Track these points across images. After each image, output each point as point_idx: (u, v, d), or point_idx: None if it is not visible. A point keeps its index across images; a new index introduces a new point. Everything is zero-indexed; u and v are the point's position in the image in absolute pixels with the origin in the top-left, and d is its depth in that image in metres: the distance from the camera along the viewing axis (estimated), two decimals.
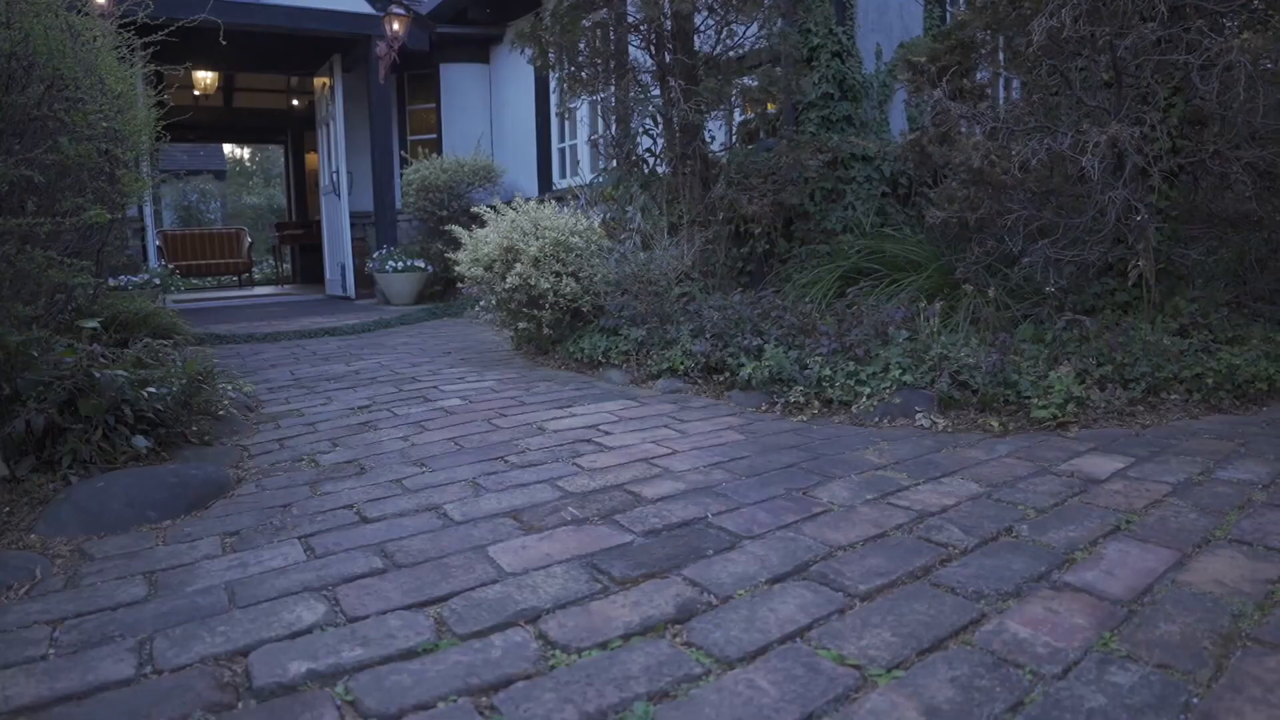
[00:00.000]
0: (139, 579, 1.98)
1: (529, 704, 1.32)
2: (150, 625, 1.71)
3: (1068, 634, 1.51)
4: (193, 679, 1.48)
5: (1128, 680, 1.36)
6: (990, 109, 4.27)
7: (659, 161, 5.54)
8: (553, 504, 2.32)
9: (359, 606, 1.71)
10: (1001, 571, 1.79)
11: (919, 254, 5.02)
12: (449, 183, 9.44)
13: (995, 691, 1.33)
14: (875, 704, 1.30)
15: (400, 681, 1.41)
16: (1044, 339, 3.86)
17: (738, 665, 1.43)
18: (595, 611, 1.64)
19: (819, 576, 1.78)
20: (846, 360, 3.61)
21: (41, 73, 2.42)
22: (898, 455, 2.77)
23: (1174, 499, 2.26)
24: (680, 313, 4.55)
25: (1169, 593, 1.68)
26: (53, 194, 2.49)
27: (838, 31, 5.93)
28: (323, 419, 3.64)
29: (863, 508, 2.22)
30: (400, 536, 2.12)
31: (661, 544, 2.00)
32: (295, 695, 1.40)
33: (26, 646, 1.65)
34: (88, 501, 2.50)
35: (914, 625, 1.55)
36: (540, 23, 4.99)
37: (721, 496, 2.35)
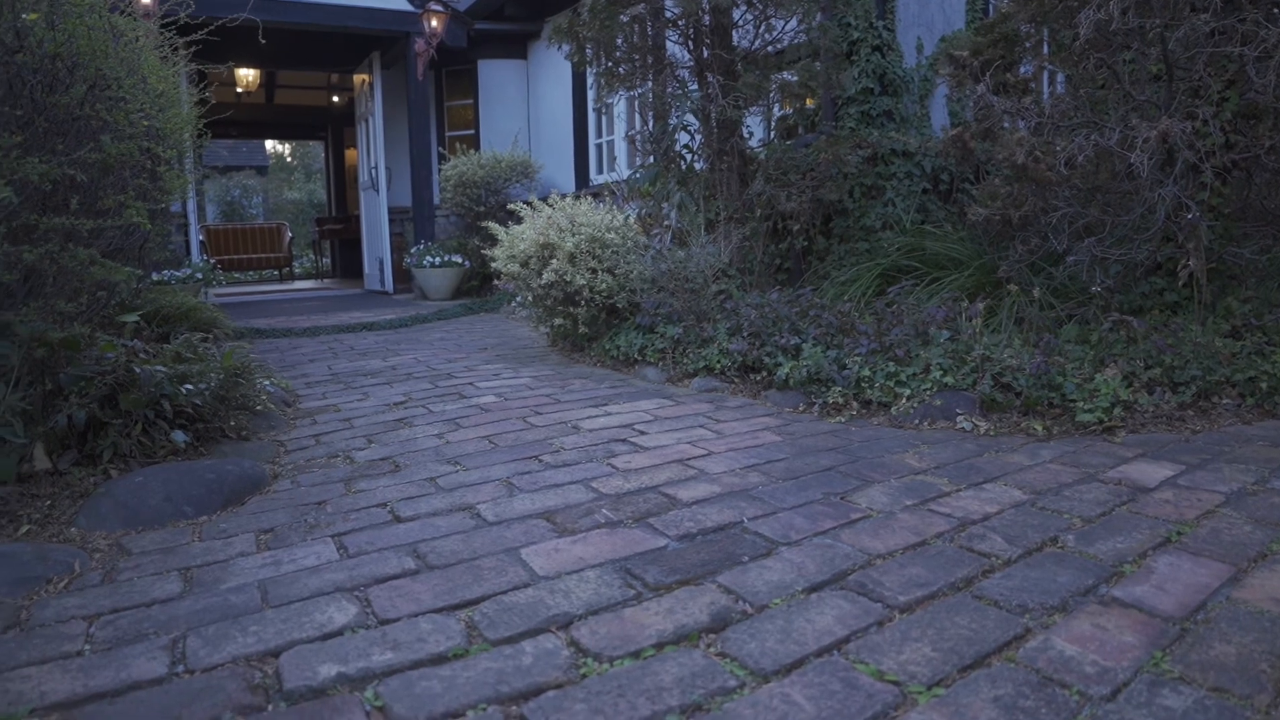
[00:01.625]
0: (174, 575, 1.99)
1: (559, 715, 1.30)
2: (184, 623, 1.71)
3: (1117, 653, 1.46)
4: (224, 679, 1.48)
5: (1180, 704, 1.31)
6: (1034, 104, 4.16)
7: (696, 158, 5.50)
8: (586, 505, 2.30)
9: (390, 608, 1.70)
10: (1047, 584, 1.73)
11: (961, 252, 4.94)
12: (486, 178, 9.46)
13: (1041, 713, 1.28)
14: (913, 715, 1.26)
15: (430, 688, 1.39)
16: (1090, 340, 3.77)
17: (773, 679, 1.39)
18: (628, 619, 1.62)
19: (857, 586, 1.74)
20: (886, 361, 3.55)
21: (84, 73, 2.44)
22: (938, 459, 2.71)
23: (1227, 509, 2.19)
24: (717, 310, 4.51)
25: (1223, 610, 1.62)
26: (95, 192, 2.52)
27: (878, 25, 5.83)
28: (359, 415, 3.65)
29: (902, 514, 2.17)
30: (433, 537, 2.11)
31: (696, 549, 1.97)
32: (325, 699, 1.39)
33: (63, 642, 1.66)
34: (127, 496, 2.52)
35: (955, 640, 1.51)
36: (578, 18, 4.97)
37: (758, 500, 2.31)
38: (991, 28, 4.92)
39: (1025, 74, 5.29)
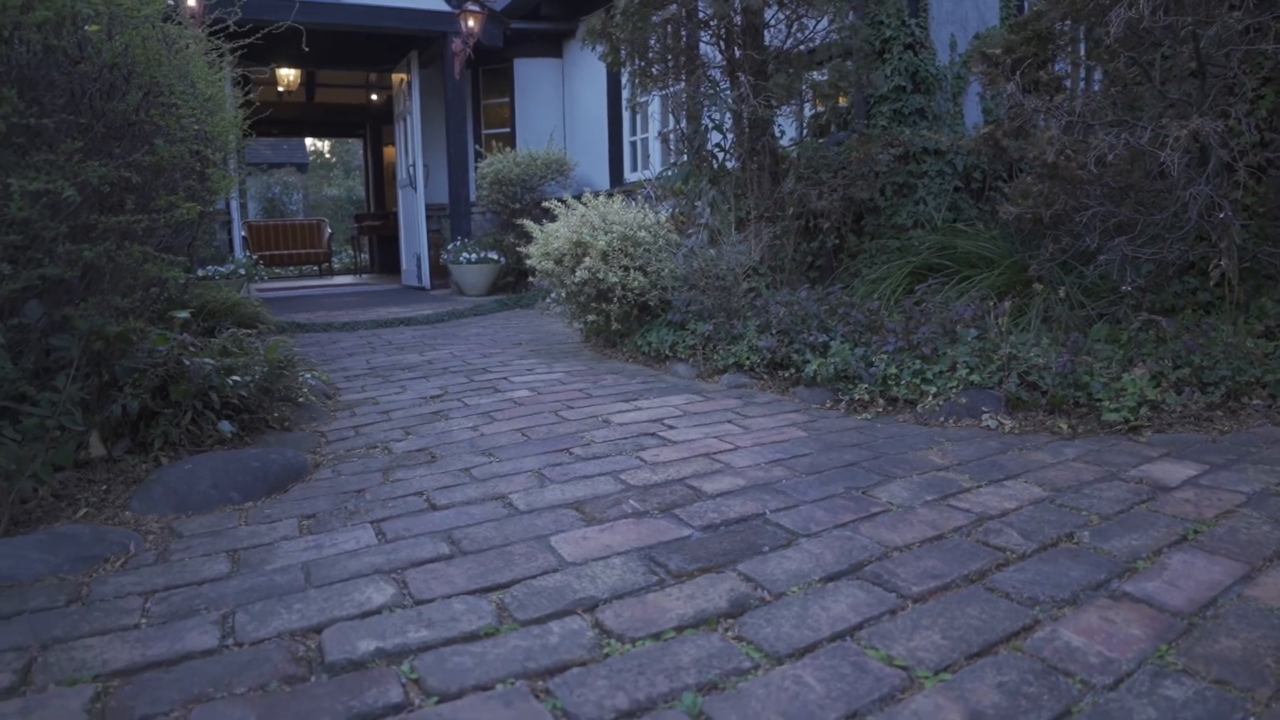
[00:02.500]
0: (223, 556, 2.10)
1: (583, 689, 1.38)
2: (232, 600, 1.82)
3: (1122, 644, 1.51)
4: (270, 652, 1.57)
5: (1181, 694, 1.35)
6: (1065, 102, 4.16)
7: (728, 156, 5.55)
8: (614, 496, 2.38)
9: (425, 590, 1.80)
10: (1059, 578, 1.78)
11: (992, 250, 4.94)
12: (522, 176, 9.58)
13: (1042, 699, 1.34)
14: (920, 705, 1.32)
15: (462, 663, 1.48)
16: (1119, 340, 3.78)
17: (786, 661, 1.46)
18: (651, 603, 1.69)
19: (873, 576, 1.80)
20: (913, 358, 3.59)
21: (140, 80, 2.56)
22: (961, 456, 2.75)
23: (1247, 509, 2.21)
24: (747, 308, 4.57)
25: (1233, 607, 1.66)
26: (148, 193, 2.64)
27: (910, 23, 5.84)
28: (397, 408, 3.77)
29: (921, 509, 2.23)
30: (467, 524, 2.21)
31: (719, 539, 2.04)
32: (364, 672, 1.48)
33: (121, 615, 1.77)
34: (177, 482, 2.65)
35: (965, 629, 1.56)
36: (611, 20, 5.04)
37: (781, 494, 2.37)
38: (1025, 25, 4.91)
39: (1061, 71, 5.27)
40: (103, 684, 1.50)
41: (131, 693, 1.46)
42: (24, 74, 2.08)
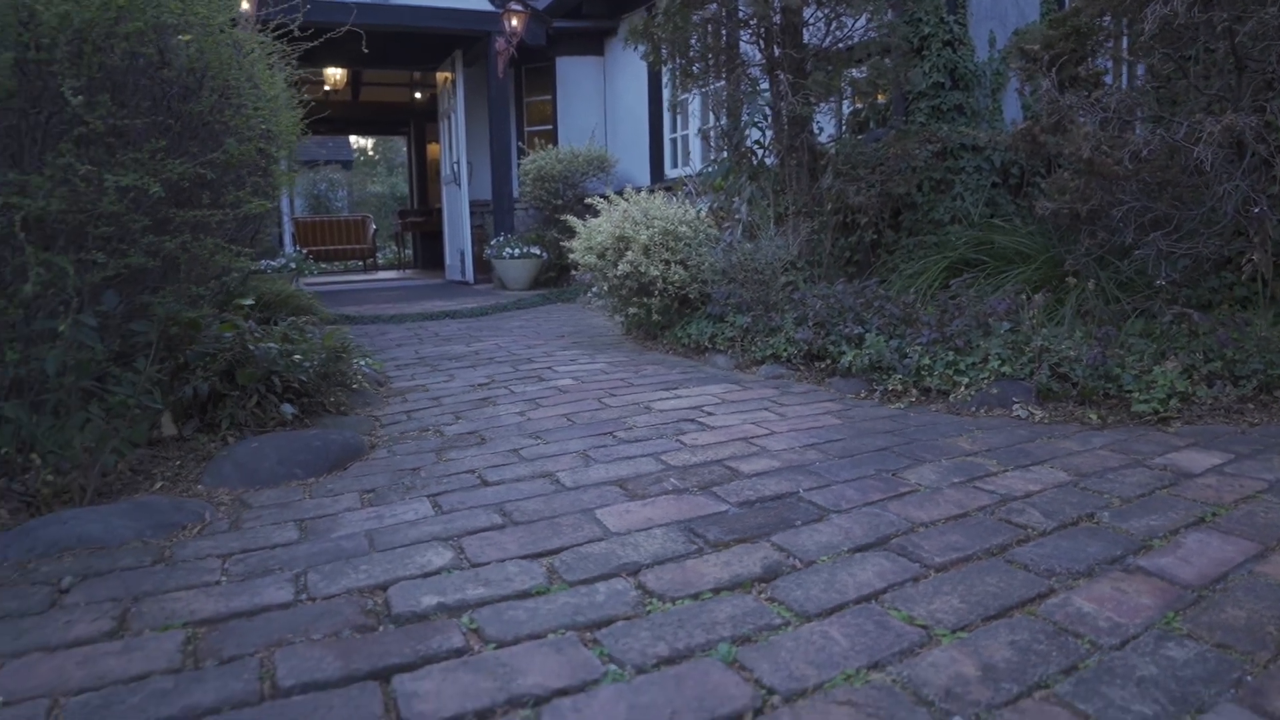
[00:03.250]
0: (291, 525, 2.27)
1: (627, 639, 1.52)
2: (303, 562, 1.98)
3: (1131, 611, 1.61)
4: (341, 605, 1.73)
5: (1183, 655, 1.45)
6: (1101, 98, 4.21)
7: (767, 153, 5.65)
8: (655, 475, 2.52)
9: (481, 555, 1.94)
10: (1076, 553, 1.88)
11: (1028, 245, 4.99)
12: (564, 172, 9.75)
13: (1051, 655, 1.45)
14: (936, 658, 1.44)
15: (517, 616, 1.62)
16: (1153, 334, 3.83)
17: (814, 619, 1.58)
18: (689, 568, 1.83)
19: (898, 548, 1.92)
20: (946, 350, 3.67)
21: (213, 84, 2.74)
22: (990, 443, 2.85)
23: (1268, 495, 2.28)
24: (785, 301, 4.67)
25: (1243, 581, 1.74)
26: (219, 188, 2.82)
27: (949, 20, 5.90)
28: (446, 394, 3.93)
29: (948, 490, 2.33)
30: (517, 498, 2.35)
31: (754, 514, 2.16)
32: (427, 623, 1.63)
33: (203, 574, 1.95)
34: (245, 459, 2.83)
35: (983, 595, 1.67)
36: (654, 20, 5.17)
37: (814, 474, 2.49)
38: (1063, 21, 4.95)
39: (1102, 66, 5.29)
40: (192, 630, 1.66)
41: (218, 637, 1.62)
42: (115, 79, 2.26)
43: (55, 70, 2.04)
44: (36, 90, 2.12)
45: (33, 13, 1.97)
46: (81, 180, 2.09)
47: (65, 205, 2.09)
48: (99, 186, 2.13)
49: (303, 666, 1.49)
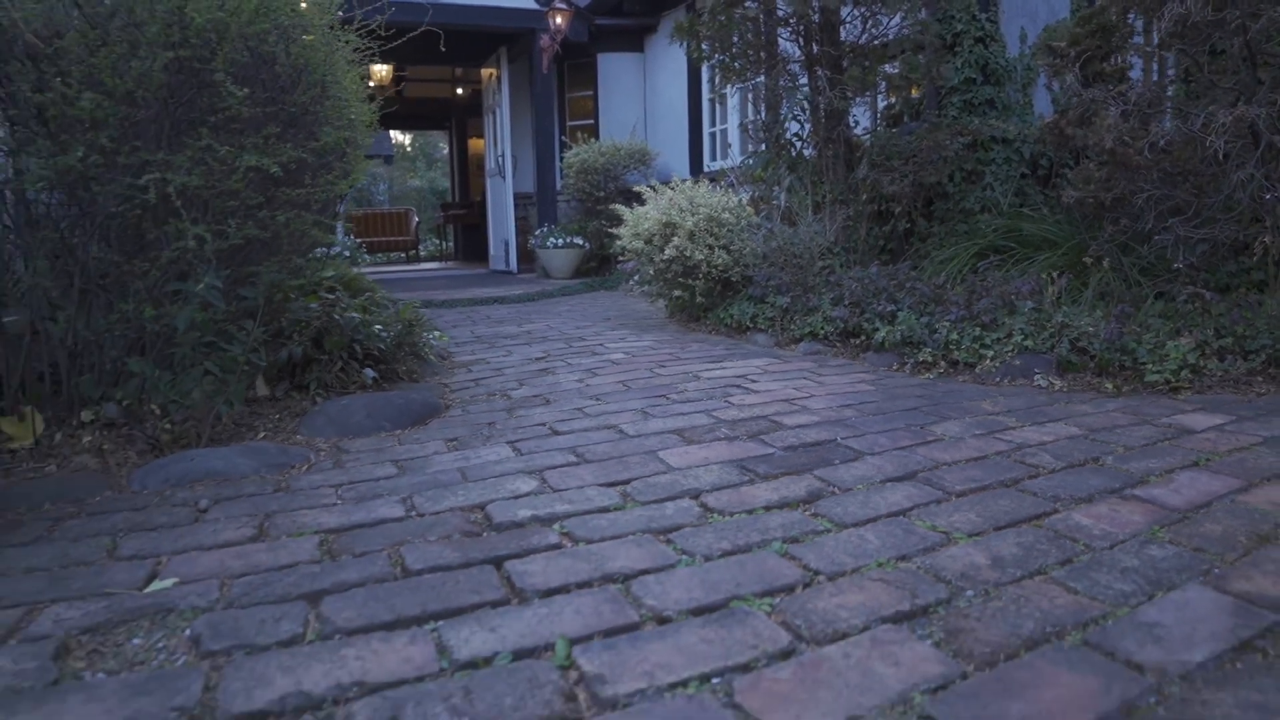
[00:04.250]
0: (389, 463, 2.60)
1: (695, 539, 1.83)
2: (406, 489, 2.31)
3: (1122, 525, 1.89)
4: (447, 518, 2.05)
5: (1162, 554, 1.73)
6: (1125, 92, 4.44)
7: (805, 145, 5.93)
8: (708, 426, 2.82)
9: (561, 483, 2.26)
10: (1079, 485, 2.16)
11: (1055, 233, 5.22)
12: (606, 165, 10.06)
13: (1050, 553, 1.73)
14: (953, 553, 1.73)
15: (600, 524, 1.94)
16: (1170, 314, 4.06)
17: (851, 528, 1.88)
18: (744, 493, 2.13)
19: (924, 480, 2.21)
20: (973, 326, 3.94)
21: (312, 78, 3.07)
22: (1010, 406, 3.12)
23: (1261, 447, 2.54)
24: (822, 284, 4.95)
25: (1224, 507, 2.01)
26: (316, 171, 3.16)
27: (980, 18, 6.13)
28: (507, 366, 4.26)
29: (970, 439, 2.62)
30: (586, 444, 2.67)
31: (797, 455, 2.46)
32: (524, 529, 1.95)
33: (321, 498, 2.28)
34: (336, 414, 3.18)
35: (995, 513, 1.96)
36: (698, 18, 5.46)
37: (850, 427, 2.78)
38: (1089, 19, 5.17)
39: (1126, 62, 5.51)
40: (323, 535, 1.99)
41: (347, 540, 1.95)
42: (242, 73, 2.60)
43: (199, 66, 2.38)
44: (178, 83, 2.47)
45: (184, 16, 2.31)
46: (217, 160, 2.43)
47: (201, 181, 2.44)
48: (231, 166, 2.47)
49: (426, 556, 1.81)
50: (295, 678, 1.32)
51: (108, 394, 3.01)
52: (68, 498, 2.39)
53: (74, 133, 2.28)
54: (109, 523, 2.17)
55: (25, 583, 1.79)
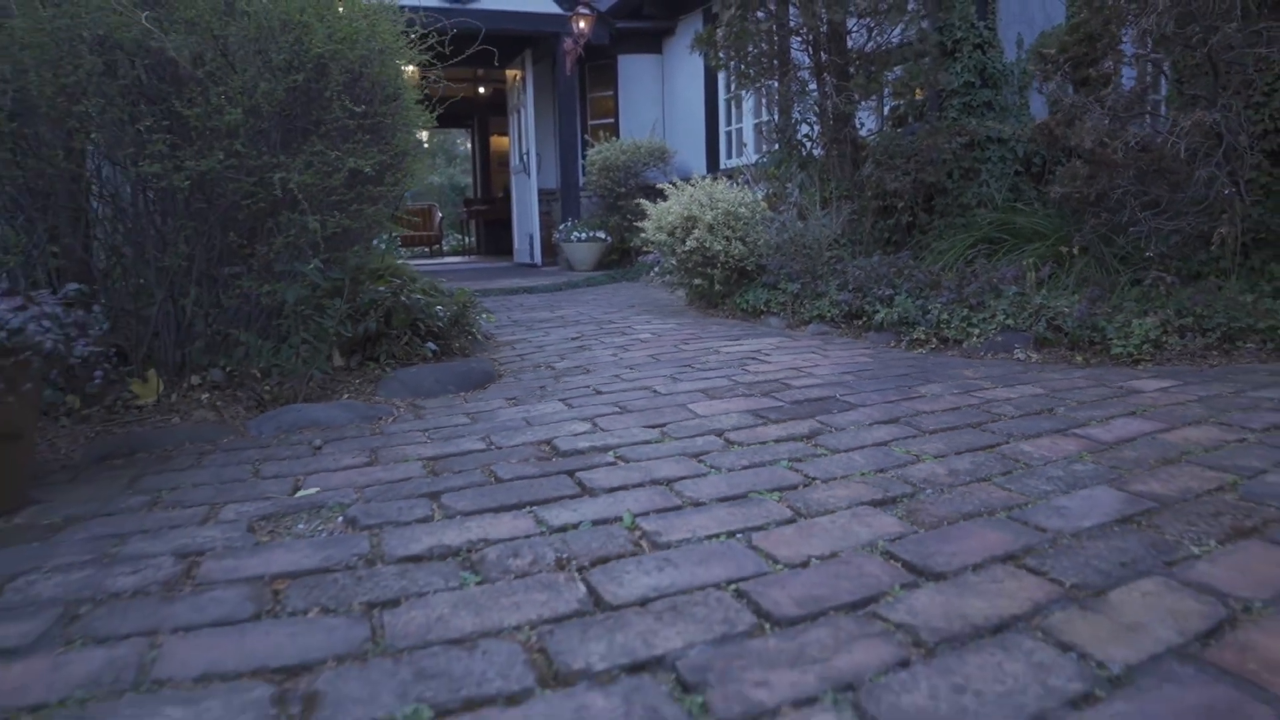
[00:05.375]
0: (461, 415, 3.13)
1: (720, 460, 2.34)
2: (482, 431, 2.83)
3: (1058, 452, 2.39)
4: (521, 449, 2.58)
5: (1083, 469, 2.23)
6: (1104, 97, 4.91)
7: (814, 145, 6.42)
8: (728, 387, 3.34)
9: (609, 426, 2.78)
10: (1031, 427, 2.66)
11: (1044, 226, 5.70)
12: (627, 163, 10.57)
13: (995, 468, 2.24)
14: (920, 467, 2.24)
15: (644, 451, 2.46)
16: (1140, 297, 4.54)
17: (842, 453, 2.39)
18: (758, 431, 2.64)
19: (905, 423, 2.72)
20: (962, 308, 4.43)
21: (386, 92, 3.60)
22: (989, 374, 3.61)
23: (1194, 403, 3.02)
24: (829, 272, 5.45)
25: (1144, 441, 2.51)
26: (390, 170, 3.68)
27: (979, 25, 6.60)
28: (547, 344, 4.79)
29: (948, 396, 3.12)
30: (626, 400, 3.19)
31: (802, 407, 2.97)
32: (585, 454, 2.47)
33: (413, 439, 2.80)
34: (408, 379, 3.70)
35: (958, 444, 2.47)
36: (715, 30, 5.97)
37: (847, 387, 3.29)
38: (1077, 28, 5.65)
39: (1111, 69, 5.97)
40: (423, 461, 2.52)
41: (445, 464, 2.47)
42: (341, 90, 3.12)
43: (311, 86, 2.91)
44: (294, 99, 2.99)
45: (304, 47, 2.83)
46: (325, 163, 2.95)
47: (312, 180, 2.96)
48: (335, 167, 3.00)
49: (512, 471, 2.33)
50: (436, 538, 1.85)
51: (213, 361, 3.55)
52: (200, 440, 2.93)
53: (213, 140, 2.81)
54: (244, 455, 2.70)
55: (197, 492, 2.32)
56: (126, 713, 1.19)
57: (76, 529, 2.03)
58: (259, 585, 1.63)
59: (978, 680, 1.20)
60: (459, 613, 1.46)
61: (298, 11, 2.85)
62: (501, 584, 1.58)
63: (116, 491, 2.36)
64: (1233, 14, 3.94)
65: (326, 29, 2.87)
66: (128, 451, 2.79)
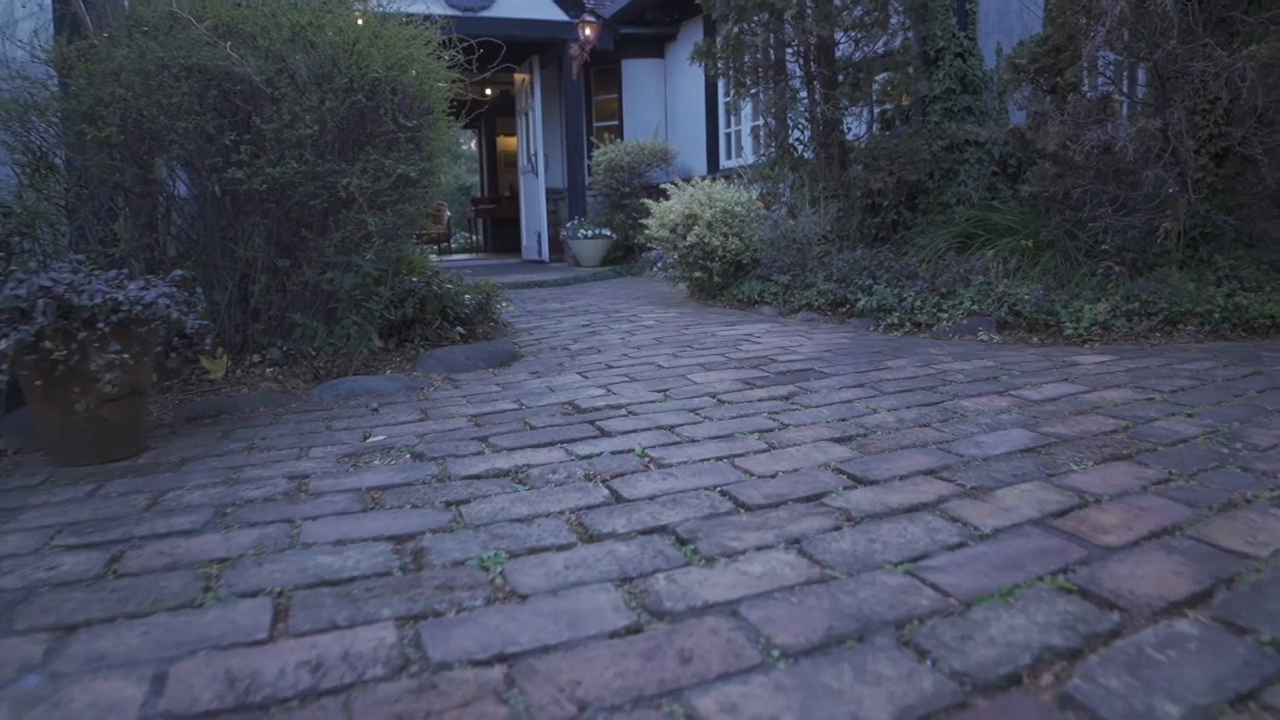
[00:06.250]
0: (493, 385, 3.64)
1: (713, 412, 2.86)
2: (514, 396, 3.35)
3: (991, 406, 2.90)
4: (547, 407, 3.09)
5: (1007, 418, 2.74)
6: (1065, 104, 5.42)
7: (805, 148, 6.93)
8: (722, 361, 3.86)
9: (621, 391, 3.30)
10: (975, 390, 3.17)
11: (1016, 222, 6.21)
12: (631, 163, 11.09)
13: (935, 417, 2.75)
14: (875, 417, 2.75)
15: (650, 407, 2.97)
16: (1095, 285, 5.05)
17: (813, 408, 2.91)
18: (745, 394, 3.16)
19: (869, 387, 3.23)
20: (934, 296, 4.94)
21: (422, 105, 4.11)
22: (952, 352, 4.12)
23: (1121, 373, 3.53)
24: (817, 265, 5.96)
25: (1066, 399, 3.01)
26: (428, 175, 4.20)
27: (959, 35, 7.11)
28: (560, 330, 5.31)
29: (910, 368, 3.63)
30: (634, 372, 3.71)
31: (784, 376, 3.49)
32: (601, 410, 2.98)
33: (454, 402, 3.32)
34: (442, 357, 4.21)
35: (910, 402, 2.98)
36: (713, 43, 6.48)
37: (825, 361, 3.81)
38: (1045, 40, 6.15)
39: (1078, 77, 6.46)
40: (468, 417, 3.03)
41: (486, 419, 2.99)
42: (395, 106, 3.64)
43: (366, 103, 3.43)
44: (353, 115, 3.51)
45: (363, 73, 3.35)
46: (379, 169, 3.47)
47: (369, 183, 3.48)
48: (387, 172, 3.52)
49: (543, 422, 2.85)
50: (489, 464, 2.36)
51: (271, 341, 4.07)
52: (271, 405, 3.44)
53: (285, 150, 3.32)
54: (314, 415, 3.22)
55: (284, 440, 2.83)
56: (292, 559, 1.70)
57: (196, 464, 2.55)
58: (360, 493, 2.15)
59: (886, 536, 1.71)
60: (516, 505, 1.98)
61: (354, 42, 3.36)
62: (544, 489, 2.09)
63: (215, 441, 2.87)
64: (1171, 33, 4.44)
65: (382, 57, 3.39)
66: (213, 413, 3.31)
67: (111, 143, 3.19)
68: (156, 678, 1.26)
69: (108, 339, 2.46)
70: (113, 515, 2.07)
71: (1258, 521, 1.76)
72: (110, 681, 1.26)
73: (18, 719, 1.17)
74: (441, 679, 1.21)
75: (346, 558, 1.70)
